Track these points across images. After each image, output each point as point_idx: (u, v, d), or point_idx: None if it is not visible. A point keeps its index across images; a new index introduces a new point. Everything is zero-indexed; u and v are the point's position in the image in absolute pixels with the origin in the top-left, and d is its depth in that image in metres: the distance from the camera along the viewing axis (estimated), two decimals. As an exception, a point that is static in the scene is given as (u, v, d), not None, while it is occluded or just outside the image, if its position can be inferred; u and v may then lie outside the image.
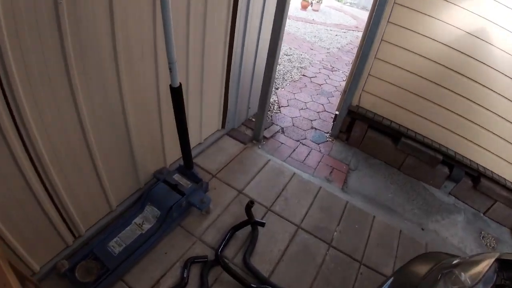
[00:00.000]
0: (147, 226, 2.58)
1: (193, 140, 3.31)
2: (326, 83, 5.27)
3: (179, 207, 2.65)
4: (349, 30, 7.90)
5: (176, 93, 2.24)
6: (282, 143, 3.87)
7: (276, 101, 4.56)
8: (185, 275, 2.35)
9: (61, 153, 1.94)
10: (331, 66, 5.88)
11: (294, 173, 3.44)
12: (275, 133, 3.98)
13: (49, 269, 2.20)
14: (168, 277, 2.37)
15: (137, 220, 2.61)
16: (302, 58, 5.90)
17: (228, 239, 2.65)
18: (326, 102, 4.79)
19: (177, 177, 2.84)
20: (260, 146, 3.70)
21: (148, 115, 2.60)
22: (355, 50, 6.65)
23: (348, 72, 4.33)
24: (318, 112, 4.55)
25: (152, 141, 2.80)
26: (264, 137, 3.83)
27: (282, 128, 4.12)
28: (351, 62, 6.06)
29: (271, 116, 4.24)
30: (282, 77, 5.12)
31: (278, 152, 3.73)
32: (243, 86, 3.56)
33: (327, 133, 4.26)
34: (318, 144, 4.04)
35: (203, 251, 2.59)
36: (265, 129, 3.93)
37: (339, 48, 6.65)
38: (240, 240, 2.72)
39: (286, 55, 5.74)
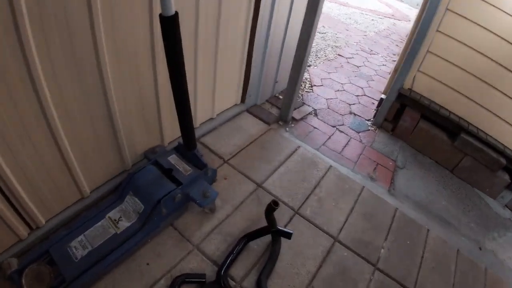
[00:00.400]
0: (124, 224, 1.82)
1: (203, 114, 2.54)
2: (365, 66, 4.50)
3: (171, 201, 1.86)
4: (385, 17, 7.06)
5: (169, 27, 1.45)
6: (314, 128, 3.09)
7: (308, 79, 3.76)
8: None
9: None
10: (369, 49, 5.08)
11: (331, 166, 2.62)
12: (307, 115, 3.19)
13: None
14: None
15: (113, 214, 1.82)
16: (337, 37, 5.14)
17: (238, 251, 1.84)
18: (366, 85, 4.05)
19: (173, 159, 2.01)
20: (287, 129, 2.90)
21: (137, 69, 1.84)
22: (393, 36, 5.86)
23: (389, 57, 3.43)
24: (357, 96, 3.78)
25: (143, 108, 2.04)
26: (293, 119, 3.04)
27: (315, 110, 3.31)
28: (390, 47, 5.19)
29: (302, 95, 3.45)
30: (315, 54, 4.36)
31: (310, 139, 2.94)
32: (270, 52, 2.80)
33: (368, 120, 3.46)
34: (358, 132, 3.26)
35: (201, 266, 1.81)
36: (295, 109, 3.17)
37: (376, 33, 5.85)
38: (254, 254, 1.91)
39: (320, 33, 5.01)
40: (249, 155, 2.50)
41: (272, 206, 1.77)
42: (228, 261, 1.76)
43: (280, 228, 1.86)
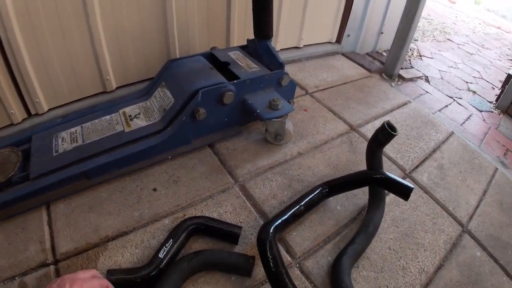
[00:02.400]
0: (139, 123, 1.06)
1: (285, 39, 1.74)
2: (478, 55, 3.42)
3: (216, 97, 1.06)
4: (492, 26, 5.67)
5: None
6: (427, 92, 2.09)
7: (416, 49, 2.70)
8: (162, 253, 0.78)
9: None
10: (480, 43, 3.85)
11: (453, 132, 1.60)
12: (417, 77, 2.20)
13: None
14: (130, 245, 0.85)
15: (130, 109, 1.04)
16: (445, 25, 4.08)
17: (308, 205, 0.90)
18: (482, 70, 2.94)
19: (235, 54, 1.13)
20: (393, 84, 1.80)
21: None
22: (505, 41, 4.53)
23: (503, 55, 3.01)
24: (474, 77, 2.72)
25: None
26: (400, 77, 2.05)
27: (427, 77, 2.31)
28: (502, 49, 4.01)
29: (410, 60, 2.36)
30: (421, 32, 3.37)
31: (422, 101, 1.97)
32: None
33: (490, 102, 2.36)
34: (480, 111, 2.18)
35: (238, 214, 0.96)
36: (402, 69, 2.16)
37: (485, 33, 4.62)
38: (333, 218, 1.01)
39: (425, 18, 4.08)
40: (342, 93, 1.56)
41: (387, 130, 0.79)
42: (287, 216, 0.80)
43: (391, 176, 0.85)
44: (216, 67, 1.16)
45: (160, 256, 0.76)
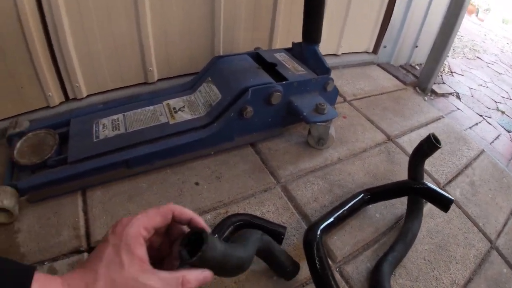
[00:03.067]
0: (184, 116, 1.06)
1: (326, 46, 1.73)
2: (507, 75, 3.35)
3: (264, 96, 1.07)
4: (522, 46, 5.54)
5: None
6: (458, 109, 2.08)
7: (447, 65, 2.65)
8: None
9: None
10: (508, 63, 3.80)
11: (483, 151, 1.59)
12: (448, 93, 2.19)
13: (4, 127, 1.03)
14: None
15: (174, 102, 1.03)
16: (474, 43, 3.96)
17: (349, 210, 0.95)
18: (511, 91, 2.90)
19: (281, 56, 1.13)
20: (426, 99, 1.82)
21: None
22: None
23: None
24: (502, 97, 2.67)
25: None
26: (433, 92, 2.05)
27: (458, 93, 2.30)
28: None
29: (441, 76, 2.33)
30: (452, 48, 3.24)
31: (454, 117, 1.95)
32: (414, 9, 1.91)
33: (519, 124, 2.25)
34: (509, 132, 2.16)
35: (280, 215, 0.98)
36: (434, 83, 2.11)
37: None
38: (372, 226, 1.02)
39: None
40: (379, 104, 1.57)
41: (432, 142, 0.81)
42: (332, 219, 0.82)
43: (432, 186, 0.87)
44: (259, 62, 1.18)
45: None
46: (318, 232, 0.78)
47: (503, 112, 2.35)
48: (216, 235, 0.79)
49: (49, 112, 1.14)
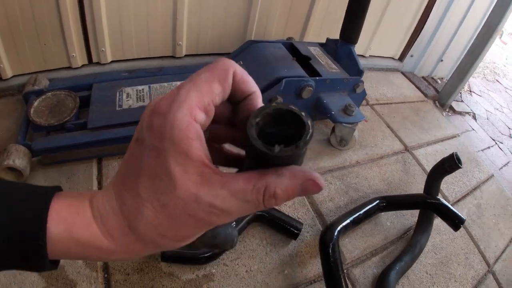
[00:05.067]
0: None
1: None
2: (523, 103, 3.20)
3: (296, 88, 1.08)
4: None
5: None
6: (473, 129, 2.10)
7: (467, 84, 2.63)
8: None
9: None
10: None
11: (493, 175, 1.63)
12: (465, 112, 2.19)
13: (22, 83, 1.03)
14: None
15: None
16: (495, 65, 3.99)
17: (364, 215, 0.98)
18: (526, 122, 2.77)
19: (315, 50, 1.11)
20: (444, 114, 1.83)
21: None
22: None
23: None
24: None
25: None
26: (452, 108, 2.07)
27: (474, 114, 2.28)
28: None
29: (461, 94, 2.34)
30: (474, 70, 3.18)
31: (468, 137, 2.00)
32: (446, 24, 1.92)
33: (528, 154, 2.22)
34: (518, 161, 2.03)
35: (296, 211, 1.00)
36: (454, 101, 2.07)
37: None
38: (382, 233, 1.05)
39: None
40: (400, 112, 1.59)
41: (455, 161, 0.83)
42: (349, 221, 0.84)
43: (447, 204, 0.89)
44: (294, 54, 1.19)
45: None
46: (336, 233, 0.81)
47: (514, 140, 2.38)
48: (233, 224, 0.81)
49: (70, 73, 1.13)
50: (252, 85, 0.26)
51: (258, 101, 0.26)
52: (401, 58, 2.01)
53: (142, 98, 1.02)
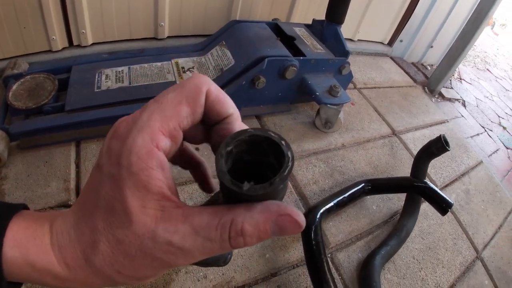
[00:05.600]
0: None
1: (343, 27, 1.53)
2: (513, 94, 3.21)
3: (279, 68, 1.04)
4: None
5: None
6: (462, 116, 2.10)
7: (457, 71, 2.64)
8: None
9: None
10: None
11: (481, 162, 1.62)
12: (455, 99, 2.18)
13: (2, 68, 0.98)
14: None
15: (183, 61, 0.98)
16: (486, 54, 3.99)
17: (349, 198, 0.95)
18: (515, 109, 2.77)
19: (300, 31, 1.08)
20: (433, 100, 1.82)
21: None
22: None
23: None
24: (506, 113, 2.67)
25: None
26: (441, 94, 2.04)
27: (464, 101, 2.28)
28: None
29: (450, 80, 2.33)
30: (464, 57, 3.16)
31: (457, 124, 1.97)
32: (439, 6, 1.88)
33: (517, 142, 2.30)
34: (507, 148, 2.20)
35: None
36: (443, 87, 2.10)
37: None
38: (368, 217, 1.02)
39: None
40: (387, 96, 1.57)
41: (442, 143, 0.80)
42: (332, 204, 0.81)
43: (434, 188, 0.87)
44: (278, 34, 1.16)
45: None
46: (318, 216, 0.78)
47: (504, 128, 2.38)
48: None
49: (51, 56, 1.09)
50: (228, 106, 0.24)
51: (236, 124, 0.24)
52: (391, 43, 1.98)
53: (121, 79, 0.99)
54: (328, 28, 1.21)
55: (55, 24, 1.05)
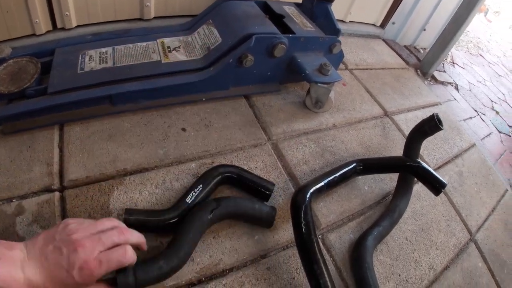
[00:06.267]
0: (178, 57, 1.00)
1: (335, 8, 1.51)
2: (506, 79, 3.39)
3: (268, 46, 1.01)
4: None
5: None
6: (455, 99, 2.10)
7: (450, 55, 2.63)
8: (189, 198, 0.72)
9: None
10: (509, 67, 3.94)
11: (474, 144, 1.61)
12: (448, 82, 2.18)
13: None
14: (150, 183, 0.82)
15: (169, 41, 0.96)
16: (479, 40, 4.01)
17: (340, 178, 0.92)
18: (508, 94, 2.95)
19: (290, 9, 1.05)
20: (426, 83, 1.81)
21: None
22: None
23: None
24: (498, 98, 2.72)
25: None
26: (433, 77, 2.03)
27: (457, 85, 2.28)
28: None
29: (443, 64, 2.32)
30: (457, 41, 3.16)
31: (449, 107, 1.97)
32: None
33: (510, 126, 2.38)
34: (500, 132, 2.21)
35: (268, 172, 0.94)
36: (436, 70, 2.10)
37: None
38: (359, 197, 1.00)
39: None
40: (379, 78, 1.55)
41: (435, 122, 0.78)
42: (323, 184, 0.79)
43: (427, 167, 0.85)
44: (266, 12, 1.13)
45: (187, 201, 0.71)
46: (308, 195, 0.75)
47: (497, 112, 2.38)
48: (200, 186, 0.74)
49: (35, 40, 1.05)
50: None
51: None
52: (383, 25, 1.96)
53: (105, 60, 0.96)
54: (318, 6, 1.18)
55: (38, 7, 1.01)
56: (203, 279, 0.70)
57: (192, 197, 0.72)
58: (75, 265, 0.44)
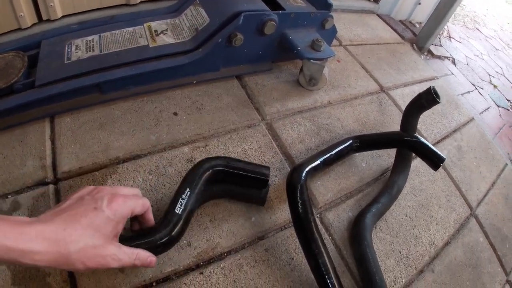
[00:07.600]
0: (166, 40, 0.98)
1: None
2: (503, 53, 3.35)
3: (257, 24, 0.99)
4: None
5: None
6: (452, 73, 2.08)
7: (446, 29, 2.61)
8: (178, 209, 0.63)
9: None
10: (506, 41, 3.88)
11: (473, 119, 1.60)
12: (444, 57, 2.15)
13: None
14: (143, 170, 0.81)
15: (156, 24, 0.95)
16: (475, 14, 3.95)
17: (337, 155, 0.90)
18: (505, 68, 2.92)
19: None
20: (422, 57, 1.79)
21: None
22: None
23: None
24: (496, 72, 2.70)
25: None
26: (430, 52, 2.02)
27: (454, 59, 2.26)
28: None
29: (440, 38, 2.29)
30: (453, 15, 3.13)
31: (447, 81, 1.95)
32: None
33: (509, 101, 2.39)
34: (498, 106, 2.20)
35: (263, 156, 0.93)
36: (432, 44, 2.09)
37: None
38: (358, 174, 1.00)
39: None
40: (375, 53, 1.53)
41: (433, 95, 0.77)
42: (319, 162, 0.77)
43: (425, 142, 0.84)
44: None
45: (177, 211, 0.62)
46: (303, 174, 0.74)
47: (495, 86, 2.38)
48: (188, 191, 0.65)
49: (21, 34, 1.03)
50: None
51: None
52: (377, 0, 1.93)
53: (92, 48, 0.94)
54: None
55: (22, 0, 0.99)
56: (201, 263, 0.70)
57: (181, 205, 0.63)
58: (103, 199, 0.49)
